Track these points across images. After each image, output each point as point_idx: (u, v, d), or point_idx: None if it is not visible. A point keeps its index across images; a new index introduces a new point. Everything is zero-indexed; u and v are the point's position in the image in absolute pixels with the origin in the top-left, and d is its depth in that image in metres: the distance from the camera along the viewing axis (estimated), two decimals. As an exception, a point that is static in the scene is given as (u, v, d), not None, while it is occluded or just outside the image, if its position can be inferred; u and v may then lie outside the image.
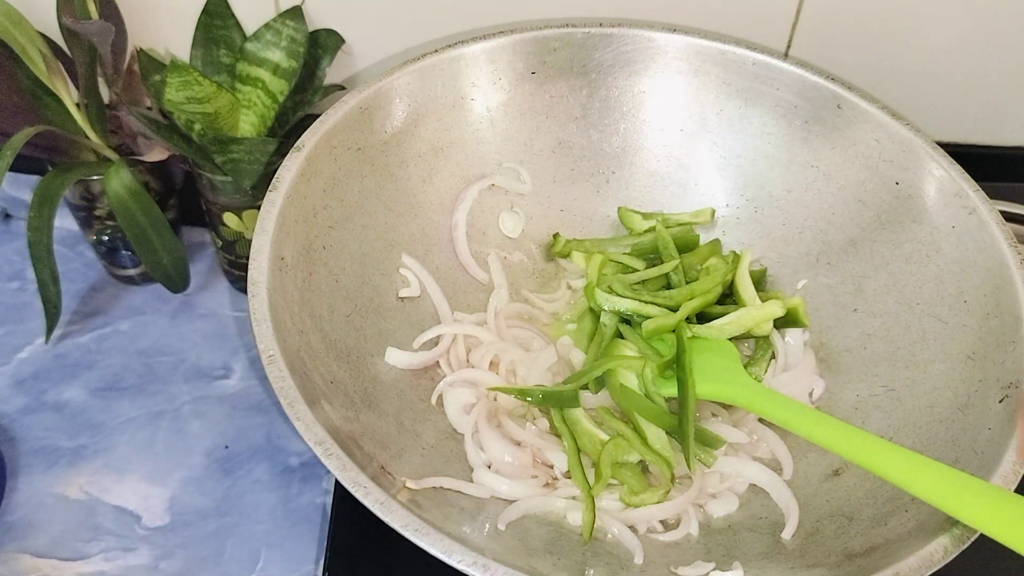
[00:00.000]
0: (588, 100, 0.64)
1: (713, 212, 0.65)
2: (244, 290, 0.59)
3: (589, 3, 0.65)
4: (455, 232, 0.62)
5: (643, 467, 0.54)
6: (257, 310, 0.47)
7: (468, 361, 0.58)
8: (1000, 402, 0.48)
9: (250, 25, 0.62)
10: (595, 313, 0.60)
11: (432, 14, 0.66)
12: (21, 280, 0.69)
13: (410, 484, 0.47)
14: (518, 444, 0.53)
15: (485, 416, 0.54)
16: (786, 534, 0.50)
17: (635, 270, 0.62)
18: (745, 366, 0.58)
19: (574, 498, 0.51)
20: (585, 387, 0.56)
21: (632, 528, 0.51)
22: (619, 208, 0.65)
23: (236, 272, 0.68)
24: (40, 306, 0.59)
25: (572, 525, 0.50)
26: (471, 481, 0.51)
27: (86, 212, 0.65)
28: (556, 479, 0.53)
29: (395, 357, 0.56)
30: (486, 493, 0.51)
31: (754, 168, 0.64)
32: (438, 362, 0.58)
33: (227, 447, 0.61)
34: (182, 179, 0.68)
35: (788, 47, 0.68)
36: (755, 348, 0.60)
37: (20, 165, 0.55)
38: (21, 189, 0.74)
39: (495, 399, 0.56)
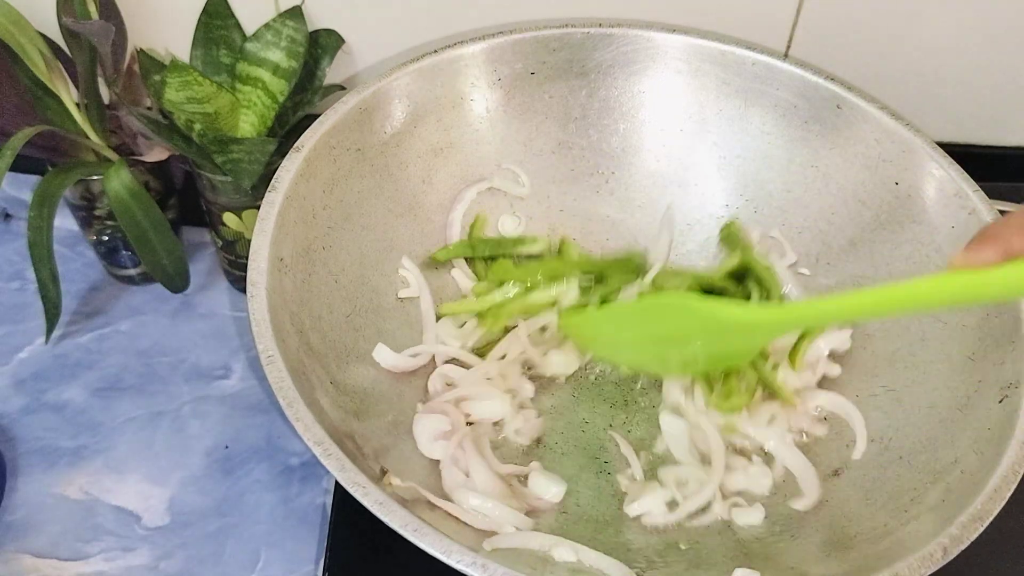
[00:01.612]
0: (587, 100, 0.64)
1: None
2: (244, 290, 0.59)
3: (589, 3, 0.65)
4: (449, 231, 0.62)
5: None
6: (256, 311, 0.47)
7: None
8: (1000, 402, 0.48)
9: (250, 25, 0.62)
10: None
11: (432, 14, 0.66)
12: (21, 280, 0.69)
13: (393, 480, 0.47)
14: (500, 476, 0.52)
15: (471, 441, 0.53)
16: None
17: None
18: None
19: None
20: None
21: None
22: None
23: (236, 272, 0.68)
24: (40, 306, 0.59)
25: (557, 560, 0.48)
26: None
27: (86, 212, 0.65)
28: (538, 507, 0.52)
29: (383, 355, 0.55)
30: (471, 519, 0.49)
31: (754, 168, 0.64)
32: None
33: (227, 447, 0.61)
34: (182, 179, 0.68)
35: (788, 47, 0.68)
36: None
37: (20, 165, 0.55)
38: (21, 189, 0.74)
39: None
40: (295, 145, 0.54)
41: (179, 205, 0.69)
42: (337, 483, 0.54)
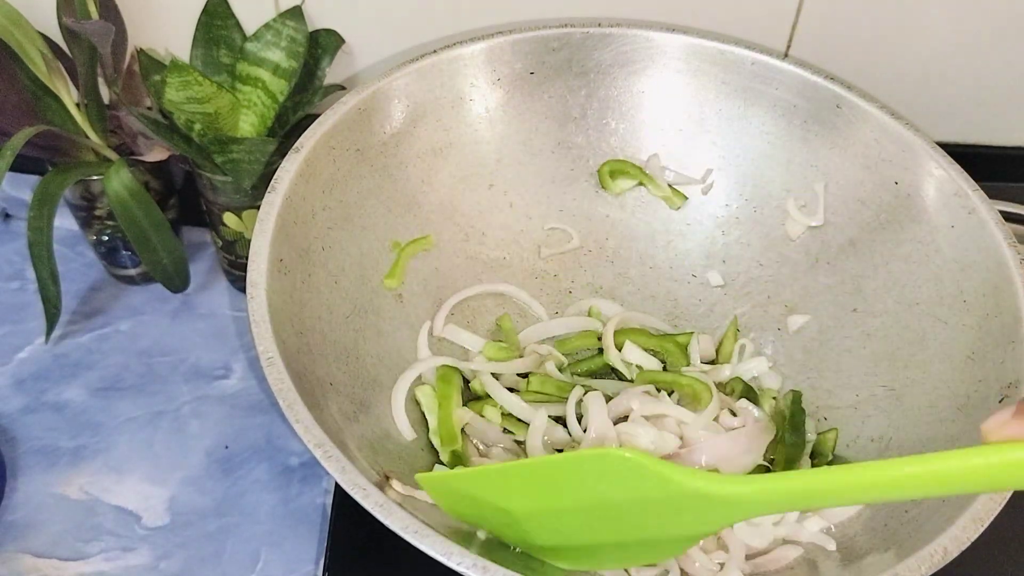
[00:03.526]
0: (587, 100, 0.64)
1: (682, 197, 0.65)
2: (244, 290, 0.59)
3: (588, 3, 0.65)
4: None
5: None
6: (256, 311, 0.47)
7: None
8: (1000, 402, 0.48)
9: (250, 25, 0.62)
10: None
11: (432, 14, 0.66)
12: (21, 280, 0.69)
13: (396, 487, 0.47)
14: None
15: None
16: None
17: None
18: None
19: None
20: None
21: None
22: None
23: (236, 272, 0.68)
24: (40, 306, 0.59)
25: None
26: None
27: (86, 212, 0.65)
28: None
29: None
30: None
31: (753, 168, 0.64)
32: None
33: (227, 447, 0.61)
34: (182, 179, 0.68)
35: (788, 47, 0.68)
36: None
37: (20, 165, 0.55)
38: (21, 189, 0.74)
39: None
40: (295, 145, 0.54)
41: (179, 205, 0.69)
42: (337, 483, 0.54)
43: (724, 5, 0.66)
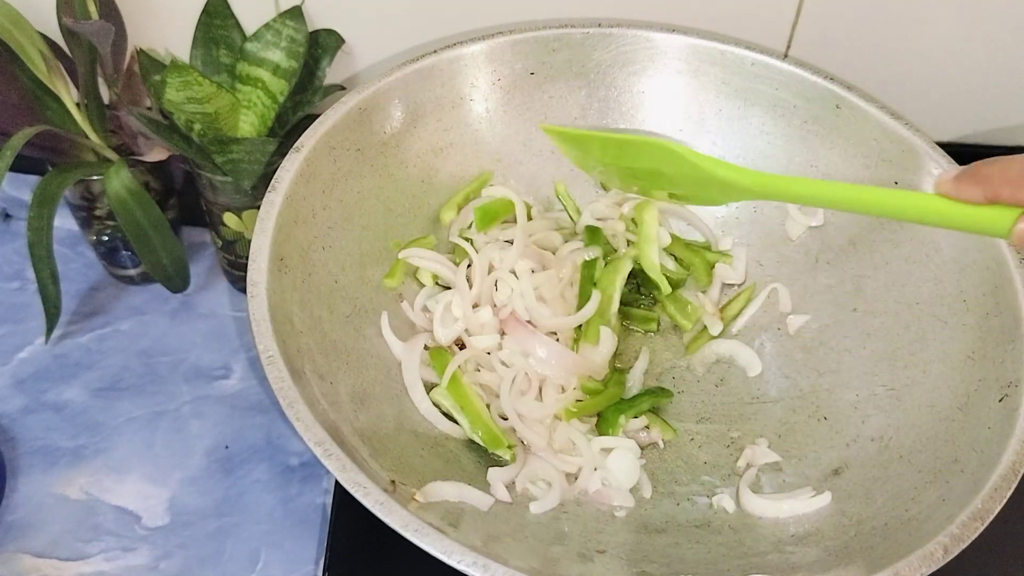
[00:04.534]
0: (587, 100, 0.64)
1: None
2: (244, 290, 0.59)
3: (588, 3, 0.65)
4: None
5: None
6: (256, 311, 0.47)
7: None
8: (1000, 401, 0.48)
9: (250, 25, 0.62)
10: None
11: (432, 14, 0.66)
12: (21, 280, 0.69)
13: (419, 497, 0.47)
14: None
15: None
16: None
17: None
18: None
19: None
20: None
21: None
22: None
23: (236, 272, 0.68)
24: (40, 306, 0.59)
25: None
26: (470, 484, 0.51)
27: (86, 212, 0.65)
28: None
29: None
30: (488, 503, 0.50)
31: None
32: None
33: (227, 447, 0.61)
34: (182, 179, 0.68)
35: (788, 47, 0.68)
36: None
37: (20, 165, 0.55)
38: (21, 189, 0.74)
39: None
40: (295, 145, 0.54)
41: (179, 205, 0.69)
42: (337, 483, 0.54)
43: (724, 5, 0.66)
